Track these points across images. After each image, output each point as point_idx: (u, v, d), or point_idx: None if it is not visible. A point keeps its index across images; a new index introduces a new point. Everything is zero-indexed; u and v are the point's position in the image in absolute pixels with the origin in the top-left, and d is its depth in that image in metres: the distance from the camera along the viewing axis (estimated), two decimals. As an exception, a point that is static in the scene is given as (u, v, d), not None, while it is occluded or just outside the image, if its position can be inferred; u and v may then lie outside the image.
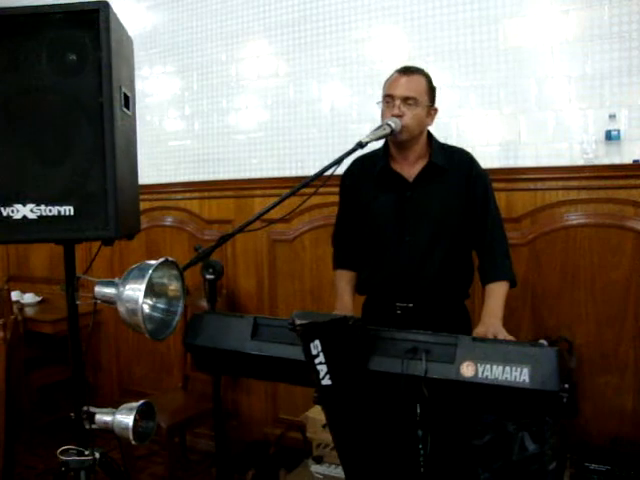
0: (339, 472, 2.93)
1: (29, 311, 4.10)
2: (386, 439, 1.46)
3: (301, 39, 3.30)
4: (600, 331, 2.75)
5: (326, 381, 1.33)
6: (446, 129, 2.86)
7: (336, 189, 2.31)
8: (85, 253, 4.08)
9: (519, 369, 1.25)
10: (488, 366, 1.27)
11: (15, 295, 4.14)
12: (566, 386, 2.15)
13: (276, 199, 3.28)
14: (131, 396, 3.24)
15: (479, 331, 1.83)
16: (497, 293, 1.99)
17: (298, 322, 1.29)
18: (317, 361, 1.31)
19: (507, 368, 1.26)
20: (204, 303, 1.88)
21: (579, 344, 2.76)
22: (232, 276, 3.49)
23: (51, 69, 1.53)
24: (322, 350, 1.30)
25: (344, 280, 2.21)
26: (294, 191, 1.89)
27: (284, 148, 3.42)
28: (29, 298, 4.29)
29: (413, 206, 2.06)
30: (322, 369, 1.32)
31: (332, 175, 1.93)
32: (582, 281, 2.78)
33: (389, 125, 1.92)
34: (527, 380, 1.24)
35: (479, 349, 1.31)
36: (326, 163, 3.24)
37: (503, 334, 1.78)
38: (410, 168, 2.10)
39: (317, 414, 3.06)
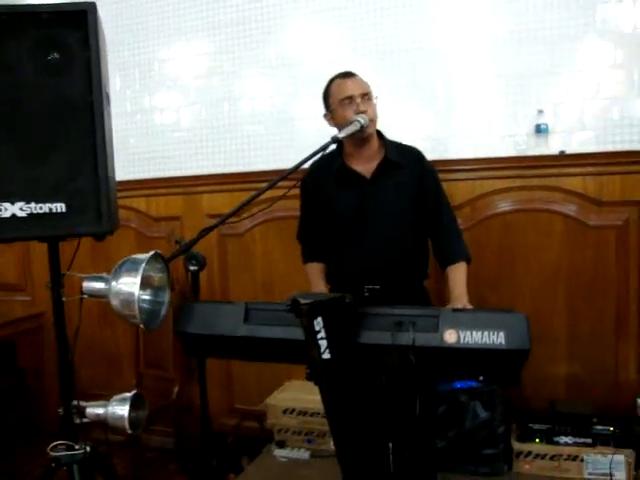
0: (302, 454, 3.07)
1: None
2: (377, 408, 1.60)
3: (245, 38, 3.37)
4: (535, 306, 3.00)
5: (326, 355, 1.45)
6: (389, 126, 3.03)
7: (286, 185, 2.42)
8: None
9: (496, 333, 1.42)
10: (468, 332, 1.43)
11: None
12: None
13: (225, 194, 3.38)
14: (80, 398, 3.22)
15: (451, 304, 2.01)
16: (459, 274, 2.23)
17: (303, 301, 1.40)
18: (319, 337, 1.44)
19: (485, 333, 1.43)
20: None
21: (518, 319, 3.00)
22: (182, 271, 3.52)
23: (34, 68, 1.57)
24: (324, 326, 1.42)
25: (316, 271, 2.37)
26: (272, 184, 1.97)
27: (229, 145, 3.47)
28: None
29: (373, 200, 2.22)
30: (323, 344, 1.44)
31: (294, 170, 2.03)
32: (518, 262, 3.02)
33: (359, 121, 2.07)
34: (503, 342, 1.41)
35: (459, 318, 1.47)
36: (272, 159, 3.39)
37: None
38: (366, 165, 2.25)
39: (277, 401, 3.17)
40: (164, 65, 3.58)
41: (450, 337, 1.45)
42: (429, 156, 2.50)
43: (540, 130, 2.92)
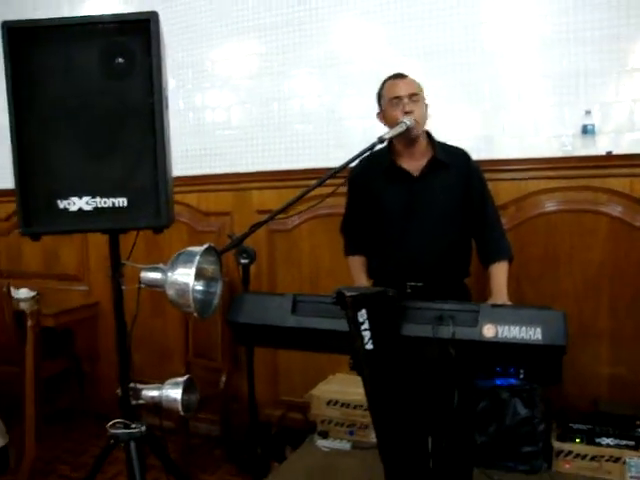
0: (343, 445, 3.16)
1: (24, 306, 4.17)
2: (417, 398, 1.67)
3: (294, 39, 3.46)
4: (579, 305, 3.01)
5: (369, 345, 1.53)
6: (437, 125, 3.07)
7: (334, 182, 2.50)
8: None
9: (533, 329, 1.47)
10: (506, 327, 1.49)
11: (8, 291, 4.20)
12: None
13: (273, 191, 3.48)
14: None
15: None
16: (500, 272, 2.27)
17: (348, 294, 1.49)
18: (363, 328, 1.52)
19: (523, 328, 1.48)
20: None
21: (561, 318, 3.02)
22: (233, 265, 3.64)
23: (101, 73, 1.69)
24: (367, 318, 1.50)
25: (358, 264, 2.45)
26: (320, 182, 2.07)
27: (279, 143, 3.58)
28: (24, 293, 4.31)
29: (419, 197, 2.28)
30: (366, 335, 1.52)
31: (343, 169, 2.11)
32: (562, 261, 3.03)
33: (405, 123, 2.14)
34: (540, 337, 1.46)
35: (498, 314, 1.53)
36: (319, 157, 3.47)
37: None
38: (415, 163, 2.32)
39: (321, 392, 3.27)
40: (216, 65, 3.71)
41: (488, 331, 1.51)
42: (475, 156, 2.55)
43: (587, 131, 2.92)
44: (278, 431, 3.54)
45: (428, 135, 2.39)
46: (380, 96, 2.39)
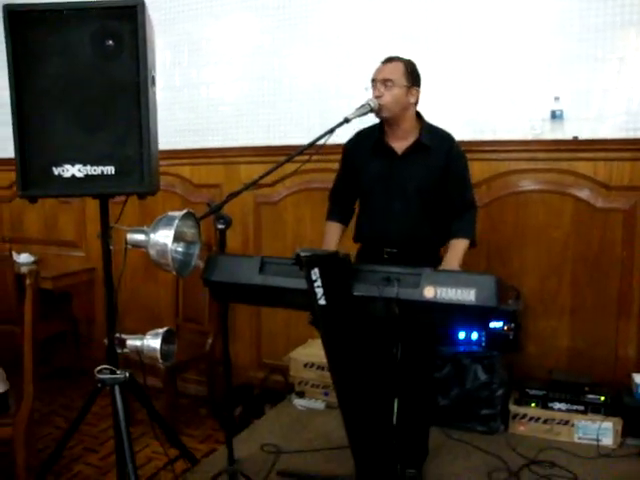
0: (318, 405, 3.40)
1: (24, 270, 4.37)
2: (369, 352, 1.88)
3: (286, 20, 3.62)
4: (543, 282, 3.22)
5: (322, 301, 1.74)
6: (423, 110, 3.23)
7: (318, 158, 2.67)
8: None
9: (467, 291, 1.67)
10: (445, 289, 1.69)
11: (9, 255, 4.40)
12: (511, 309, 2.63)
13: (261, 165, 3.66)
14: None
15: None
16: (458, 245, 2.45)
17: (303, 254, 1.69)
18: (316, 285, 1.72)
19: (459, 290, 1.68)
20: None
21: (526, 292, 3.23)
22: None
23: (93, 53, 1.88)
24: (320, 276, 1.71)
25: (333, 230, 2.64)
26: (291, 158, 2.26)
27: (268, 120, 3.75)
28: (25, 258, 4.51)
29: (399, 172, 2.46)
30: (319, 291, 1.73)
31: (323, 145, 2.29)
32: (529, 239, 3.23)
33: (368, 104, 2.32)
34: (473, 299, 1.66)
35: (438, 277, 1.73)
36: (306, 134, 3.63)
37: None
38: (400, 142, 2.48)
39: (299, 355, 3.49)
40: (210, 43, 3.86)
41: (429, 292, 1.71)
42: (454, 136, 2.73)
43: (555, 116, 3.10)
44: (260, 392, 3.76)
45: (418, 117, 2.55)
46: None
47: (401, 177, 2.47)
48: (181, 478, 2.69)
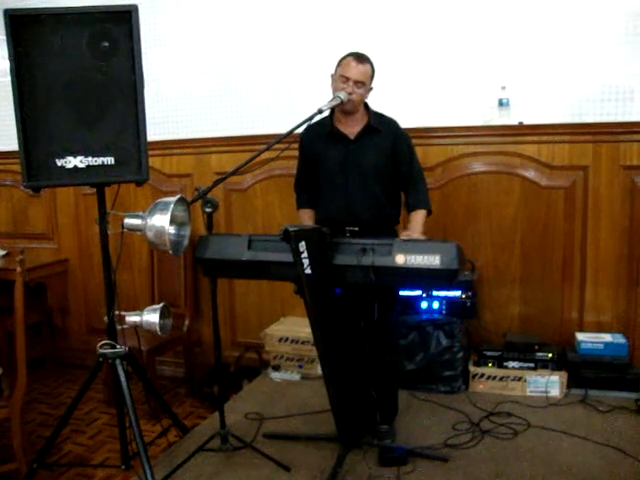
0: (294, 377, 3.64)
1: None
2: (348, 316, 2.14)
3: (249, 12, 3.81)
4: (495, 255, 3.54)
5: (308, 270, 1.99)
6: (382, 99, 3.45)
7: (283, 147, 2.84)
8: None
9: (433, 257, 1.94)
10: (413, 256, 1.96)
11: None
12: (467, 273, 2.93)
13: (231, 155, 3.86)
14: (100, 333, 3.65)
15: (403, 235, 2.49)
16: (417, 217, 2.70)
17: (291, 229, 1.93)
18: (303, 256, 1.96)
19: (425, 257, 1.95)
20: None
21: (480, 265, 3.55)
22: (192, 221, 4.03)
23: (90, 54, 2.06)
24: (306, 248, 1.95)
25: (307, 216, 2.88)
26: (269, 147, 2.46)
27: (236, 111, 3.94)
28: None
29: (354, 156, 2.70)
30: (306, 262, 1.97)
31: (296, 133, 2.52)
32: (481, 217, 3.54)
33: (339, 97, 2.55)
34: (438, 263, 1.94)
35: (407, 246, 2.00)
36: (272, 124, 3.85)
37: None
38: (351, 128, 2.73)
39: (274, 331, 3.73)
40: (176, 37, 4.01)
41: (400, 259, 1.98)
42: (410, 124, 2.97)
43: (502, 104, 3.40)
44: (236, 370, 3.97)
45: (365, 106, 2.80)
46: (339, 64, 2.71)
47: (356, 159, 2.71)
48: (176, 444, 2.90)
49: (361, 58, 2.65)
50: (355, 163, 2.69)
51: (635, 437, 2.77)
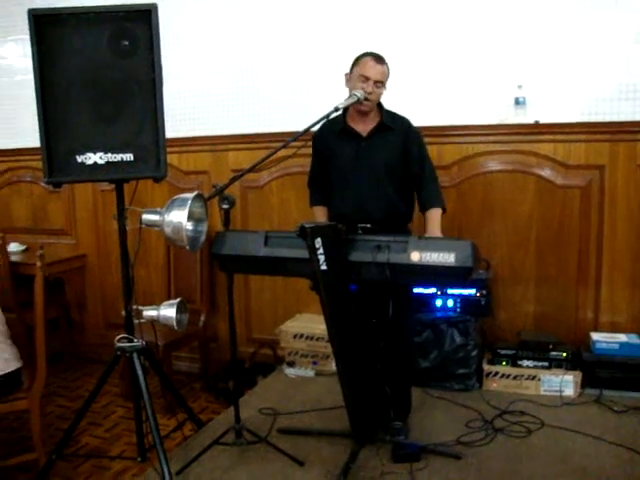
0: (308, 373, 3.67)
1: (15, 259, 4.47)
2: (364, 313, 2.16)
3: (267, 10, 3.84)
4: (510, 253, 3.54)
5: (323, 267, 2.01)
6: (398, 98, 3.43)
7: (299, 144, 2.79)
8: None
9: (448, 254, 1.96)
10: (429, 254, 1.98)
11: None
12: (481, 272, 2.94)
13: (247, 152, 3.88)
14: (117, 328, 3.70)
15: None
16: (434, 216, 2.72)
17: (307, 226, 1.95)
18: (319, 252, 1.99)
19: (440, 254, 1.96)
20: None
21: (495, 264, 3.55)
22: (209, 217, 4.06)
23: (111, 52, 2.10)
24: (322, 244, 1.97)
25: (320, 213, 2.91)
26: (285, 144, 2.48)
27: (253, 109, 3.96)
28: (14, 247, 4.61)
29: (366, 153, 2.72)
30: (321, 258, 2.00)
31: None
32: (497, 214, 3.54)
33: (356, 95, 2.57)
34: (453, 261, 1.95)
35: (422, 243, 2.02)
36: (289, 122, 3.87)
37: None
38: (364, 126, 2.75)
39: (288, 328, 3.76)
40: (194, 36, 4.04)
41: (415, 257, 1.99)
42: (426, 122, 2.97)
43: (518, 102, 3.40)
44: (251, 366, 4.01)
45: (379, 105, 2.82)
46: (355, 63, 2.74)
47: (369, 156, 2.72)
48: (191, 438, 2.93)
49: (380, 59, 2.67)
50: (367, 160, 2.71)
51: (650, 437, 2.77)
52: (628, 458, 2.60)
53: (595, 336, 3.28)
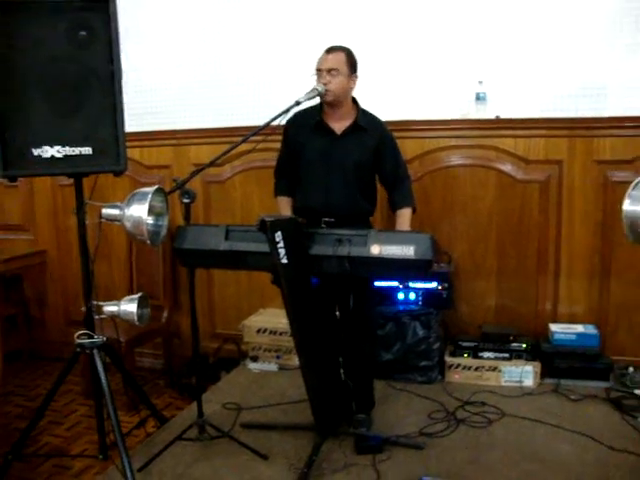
0: (271, 367, 3.67)
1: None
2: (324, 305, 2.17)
3: (228, 3, 3.81)
4: (471, 247, 3.59)
5: (284, 260, 2.01)
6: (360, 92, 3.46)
7: (260, 139, 2.80)
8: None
9: (407, 247, 1.98)
10: (388, 246, 2.00)
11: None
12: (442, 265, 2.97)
13: (210, 146, 3.85)
14: (79, 325, 3.65)
15: None
16: (404, 215, 2.77)
17: (268, 219, 1.95)
18: (279, 246, 1.99)
19: (400, 247, 1.98)
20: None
21: (457, 257, 3.60)
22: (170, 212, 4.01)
23: (68, 43, 2.06)
24: (282, 238, 1.97)
25: (284, 204, 2.90)
26: (245, 139, 2.48)
27: (215, 103, 3.93)
28: None
29: (338, 151, 2.73)
30: (282, 251, 2.00)
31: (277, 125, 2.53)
32: (458, 209, 3.59)
33: (316, 89, 2.58)
34: (412, 253, 1.97)
35: (382, 236, 2.04)
36: (251, 116, 3.85)
37: None
38: (339, 123, 2.76)
39: (252, 322, 3.75)
40: (156, 28, 3.99)
41: (375, 250, 2.01)
42: (388, 116, 2.99)
43: (479, 98, 3.44)
44: (215, 361, 3.99)
45: (354, 102, 2.82)
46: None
47: (340, 154, 2.73)
48: (154, 435, 2.91)
49: (331, 48, 2.69)
50: (338, 158, 2.72)
51: (604, 424, 2.85)
52: (583, 444, 2.68)
53: (554, 327, 3.35)
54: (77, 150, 2.08)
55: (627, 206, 1.86)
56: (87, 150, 2.08)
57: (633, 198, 1.86)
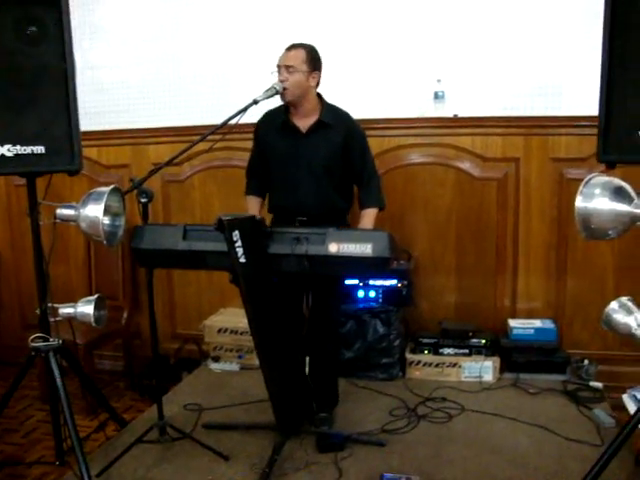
0: (233, 367, 3.65)
1: None
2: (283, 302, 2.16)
3: (187, 2, 3.78)
4: (431, 244, 3.63)
5: (242, 259, 2.00)
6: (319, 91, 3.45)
7: (217, 138, 2.77)
8: None
9: (365, 245, 1.99)
10: (346, 245, 2.00)
11: None
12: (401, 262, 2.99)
13: (169, 145, 3.80)
14: (34, 329, 3.58)
15: None
16: (368, 215, 2.78)
17: (225, 218, 1.94)
18: (237, 245, 1.98)
19: (358, 245, 1.99)
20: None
21: (416, 254, 3.63)
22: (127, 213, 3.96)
23: (16, 38, 2.00)
24: (240, 237, 1.96)
25: (253, 203, 2.90)
26: (203, 137, 2.46)
27: (174, 101, 3.89)
28: None
29: (305, 150, 2.72)
30: (240, 251, 1.99)
31: (235, 124, 2.52)
32: (418, 206, 3.62)
33: (274, 87, 2.57)
34: (370, 251, 1.98)
35: (340, 235, 2.05)
36: (211, 115, 3.81)
37: None
38: (304, 122, 2.74)
39: (213, 322, 3.72)
40: (113, 26, 3.92)
41: (333, 248, 2.02)
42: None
43: (437, 96, 3.48)
44: (176, 362, 3.94)
45: (320, 98, 2.81)
46: None
47: (307, 152, 2.73)
48: (114, 438, 2.86)
49: (292, 45, 2.68)
50: (305, 157, 2.72)
51: (561, 416, 2.91)
52: (540, 436, 2.74)
53: (512, 322, 3.41)
54: (29, 149, 2.02)
55: (579, 203, 1.91)
56: (40, 149, 2.03)
57: (585, 195, 1.90)
